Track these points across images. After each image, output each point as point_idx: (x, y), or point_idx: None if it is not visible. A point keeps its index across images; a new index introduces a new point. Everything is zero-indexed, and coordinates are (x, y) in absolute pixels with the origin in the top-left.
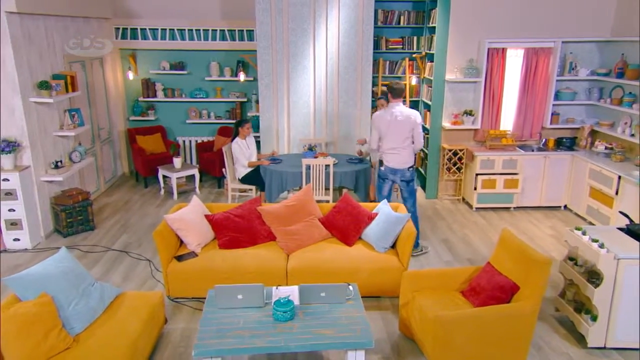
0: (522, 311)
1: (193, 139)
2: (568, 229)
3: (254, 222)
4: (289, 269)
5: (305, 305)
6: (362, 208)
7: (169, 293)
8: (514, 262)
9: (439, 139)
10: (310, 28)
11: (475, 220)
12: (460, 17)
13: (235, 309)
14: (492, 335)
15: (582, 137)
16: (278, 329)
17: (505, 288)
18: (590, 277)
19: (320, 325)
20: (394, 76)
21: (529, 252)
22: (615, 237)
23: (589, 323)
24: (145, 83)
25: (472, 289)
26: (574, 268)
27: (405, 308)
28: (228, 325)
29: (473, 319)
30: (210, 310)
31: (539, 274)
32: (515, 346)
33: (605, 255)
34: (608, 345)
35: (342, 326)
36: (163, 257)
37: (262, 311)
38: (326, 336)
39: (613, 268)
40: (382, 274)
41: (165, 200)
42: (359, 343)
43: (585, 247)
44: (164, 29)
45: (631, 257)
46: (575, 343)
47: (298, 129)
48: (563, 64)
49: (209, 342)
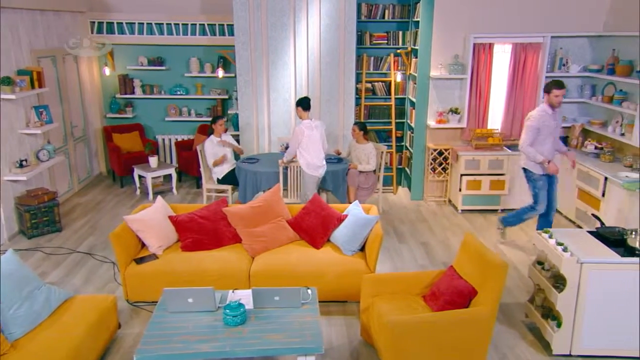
0: (477, 316)
1: (173, 137)
2: (536, 231)
3: (219, 224)
4: (251, 272)
5: (259, 310)
6: (332, 210)
7: (127, 297)
8: (474, 266)
9: (424, 138)
10: (290, 23)
11: (459, 223)
12: (445, 11)
13: (186, 313)
14: (447, 341)
15: (573, 137)
16: (227, 333)
17: (463, 293)
18: (556, 282)
19: (271, 330)
20: (378, 72)
21: (487, 255)
22: (583, 241)
23: (554, 329)
24: (122, 79)
25: (433, 294)
26: (541, 273)
27: (366, 313)
28: (175, 330)
29: (426, 324)
30: (160, 315)
31: (496, 278)
32: (472, 352)
33: (569, 259)
34: (573, 353)
35: (293, 331)
36: (121, 259)
37: (214, 315)
38: (275, 341)
39: (576, 272)
40: (348, 278)
41: (141, 200)
42: (308, 348)
43: (550, 250)
44: (142, 23)
45: (595, 261)
46: (541, 350)
47: (279, 127)
48: (553, 60)
49: (152, 347)
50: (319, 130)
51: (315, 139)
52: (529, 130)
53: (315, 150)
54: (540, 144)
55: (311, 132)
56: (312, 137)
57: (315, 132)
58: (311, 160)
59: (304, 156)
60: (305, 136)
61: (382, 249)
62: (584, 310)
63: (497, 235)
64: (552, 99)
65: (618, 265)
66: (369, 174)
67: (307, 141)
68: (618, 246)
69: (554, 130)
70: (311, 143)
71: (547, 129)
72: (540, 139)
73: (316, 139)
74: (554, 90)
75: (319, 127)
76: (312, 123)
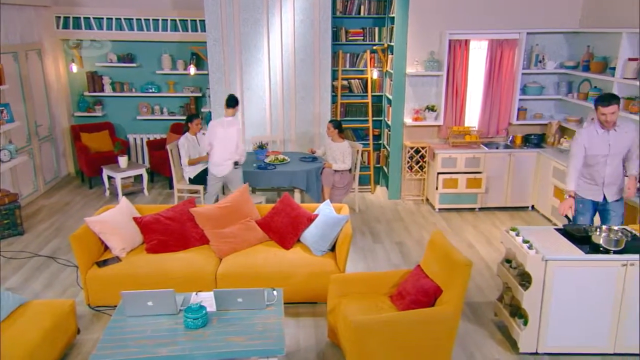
0: (441, 315)
1: (145, 136)
2: (504, 229)
3: (185, 225)
4: (218, 274)
5: (223, 312)
6: (302, 209)
7: (88, 301)
8: (439, 265)
9: (400, 136)
10: (263, 18)
11: (435, 222)
12: (420, 7)
13: (146, 316)
14: (412, 341)
15: (549, 134)
16: (187, 337)
17: (428, 292)
18: (522, 280)
19: (233, 332)
20: (355, 69)
21: (452, 254)
22: (550, 238)
23: (520, 327)
24: (90, 76)
25: (399, 293)
26: (509, 271)
27: (333, 314)
28: (133, 334)
29: (390, 324)
30: (118, 319)
31: (460, 277)
32: (437, 351)
33: (534, 256)
34: (540, 351)
35: (256, 333)
36: (81, 262)
37: (175, 318)
38: (236, 344)
39: (541, 270)
40: (317, 279)
41: (110, 202)
42: (269, 350)
43: (517, 248)
44: (110, 18)
45: (559, 258)
46: (509, 349)
47: (253, 126)
48: (529, 57)
49: (108, 352)
50: (234, 127)
51: (226, 137)
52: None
53: (222, 148)
54: (585, 166)
55: (225, 129)
56: (222, 135)
57: (231, 129)
58: (216, 158)
59: (212, 154)
60: (217, 133)
61: (356, 249)
62: (550, 308)
63: (474, 234)
64: (599, 117)
65: (582, 262)
66: (344, 173)
67: (217, 139)
68: (585, 243)
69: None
70: (220, 141)
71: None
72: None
73: (226, 137)
74: (599, 107)
75: (234, 124)
76: (226, 120)
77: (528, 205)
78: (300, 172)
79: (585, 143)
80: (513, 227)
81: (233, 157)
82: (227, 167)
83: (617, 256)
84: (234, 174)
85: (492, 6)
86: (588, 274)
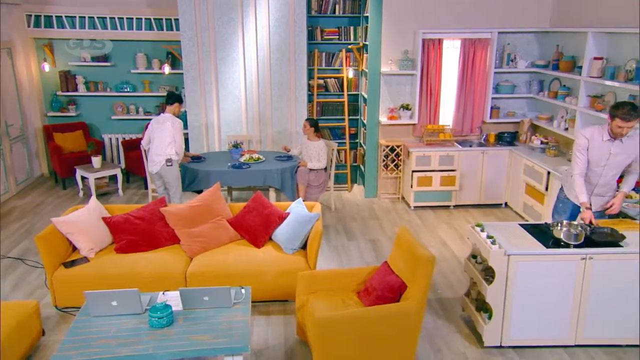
0: (404, 310)
1: (120, 136)
2: (469, 225)
3: (156, 225)
4: (188, 274)
5: (189, 311)
6: (274, 208)
7: (55, 302)
8: (405, 261)
9: (376, 135)
10: (238, 17)
11: (410, 220)
12: (393, 6)
13: (110, 316)
14: (376, 336)
15: (522, 132)
16: (151, 336)
17: (394, 287)
18: (486, 275)
19: (198, 331)
20: (330, 68)
21: (417, 250)
22: (514, 234)
23: (485, 321)
24: (63, 76)
25: (366, 289)
26: (474, 266)
27: (301, 311)
28: (96, 335)
29: (354, 319)
30: (83, 319)
31: (423, 272)
32: (402, 346)
33: (496, 251)
34: (504, 344)
35: (221, 331)
36: (47, 263)
37: (140, 318)
38: (200, 342)
39: (504, 264)
40: (288, 277)
41: (83, 202)
42: (233, 348)
43: (481, 244)
44: (83, 16)
45: (521, 253)
46: (475, 343)
47: (229, 125)
48: (501, 56)
49: (69, 353)
50: (168, 124)
51: (160, 133)
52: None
53: (156, 144)
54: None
55: (159, 125)
56: (156, 131)
57: (164, 126)
58: (150, 154)
59: (149, 149)
60: (153, 129)
61: (330, 247)
62: (513, 302)
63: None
64: (614, 128)
65: (543, 256)
66: (319, 172)
67: (153, 135)
68: (548, 238)
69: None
70: (155, 137)
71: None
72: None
73: (160, 134)
74: (618, 120)
75: (167, 120)
76: (162, 117)
77: (502, 202)
78: (274, 171)
79: (587, 147)
80: (479, 223)
81: (164, 154)
82: (158, 163)
83: (576, 250)
84: (168, 171)
85: (464, 6)
86: (549, 268)
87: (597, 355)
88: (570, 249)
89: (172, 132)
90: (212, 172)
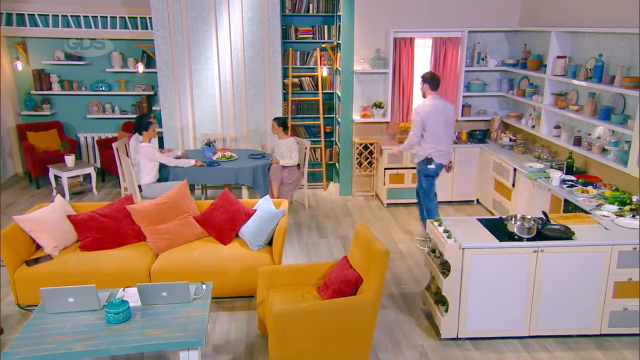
0: (360, 303)
1: (96, 135)
2: (429, 220)
3: (121, 222)
4: (152, 270)
5: (148, 307)
6: (241, 205)
7: (17, 301)
8: (362, 256)
9: (350, 132)
10: (211, 16)
11: (382, 217)
12: (365, 5)
13: (67, 313)
14: (332, 329)
15: (493, 130)
16: (107, 331)
17: (350, 281)
18: (443, 268)
19: (154, 326)
20: (305, 67)
21: (373, 244)
22: (470, 228)
23: (442, 314)
24: (37, 74)
25: (325, 284)
26: (433, 260)
27: (262, 306)
28: (51, 331)
29: (310, 313)
30: (39, 316)
31: (378, 265)
32: (357, 338)
33: (451, 245)
34: (460, 336)
35: (177, 326)
36: (9, 261)
37: (97, 314)
38: (155, 337)
39: (459, 258)
40: (253, 273)
41: None
42: (188, 343)
43: (438, 238)
44: (56, 14)
45: (475, 246)
46: (433, 335)
47: (204, 123)
48: (472, 55)
49: (22, 350)
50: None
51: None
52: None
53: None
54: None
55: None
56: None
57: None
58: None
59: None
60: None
61: (301, 244)
62: (468, 294)
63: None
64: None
65: (497, 249)
66: (292, 169)
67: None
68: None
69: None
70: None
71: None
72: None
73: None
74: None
75: (140, 150)
76: (139, 145)
77: (473, 199)
78: (245, 169)
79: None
80: (437, 218)
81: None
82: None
83: (528, 243)
84: (150, 193)
85: (435, 5)
86: (502, 261)
87: (550, 345)
88: (523, 242)
89: (145, 159)
90: (182, 169)
